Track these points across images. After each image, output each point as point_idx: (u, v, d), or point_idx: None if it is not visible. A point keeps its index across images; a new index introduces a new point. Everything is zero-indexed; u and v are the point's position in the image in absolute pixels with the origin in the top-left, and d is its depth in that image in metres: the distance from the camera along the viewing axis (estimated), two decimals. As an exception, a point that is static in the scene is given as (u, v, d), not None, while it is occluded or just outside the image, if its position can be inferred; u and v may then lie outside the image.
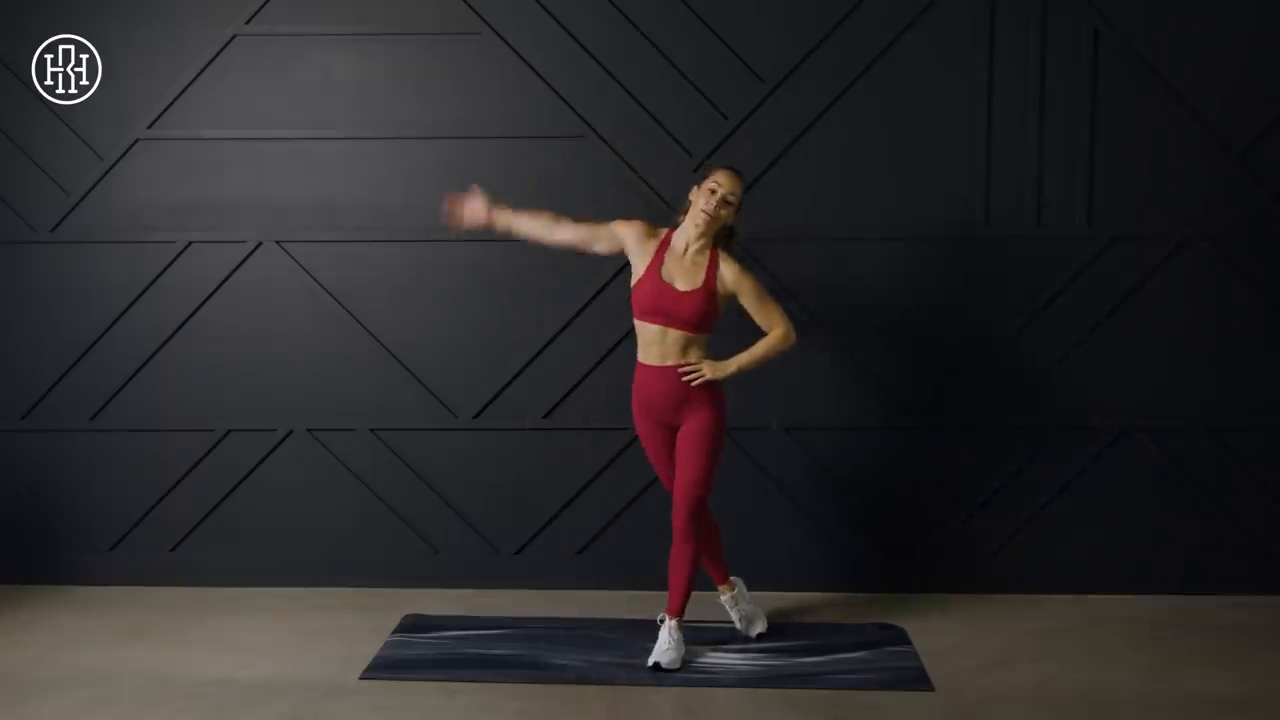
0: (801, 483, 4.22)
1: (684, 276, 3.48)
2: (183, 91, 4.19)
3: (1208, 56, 4.03)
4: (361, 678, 3.49)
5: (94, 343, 4.29)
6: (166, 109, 4.20)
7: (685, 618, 3.61)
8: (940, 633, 3.82)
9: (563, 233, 3.62)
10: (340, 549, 4.32)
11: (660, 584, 4.20)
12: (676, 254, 3.51)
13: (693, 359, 3.51)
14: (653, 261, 3.51)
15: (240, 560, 4.33)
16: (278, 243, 4.23)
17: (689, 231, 3.50)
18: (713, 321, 3.52)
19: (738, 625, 3.76)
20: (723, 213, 3.46)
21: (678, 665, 3.51)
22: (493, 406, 4.26)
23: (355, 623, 3.93)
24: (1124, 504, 4.17)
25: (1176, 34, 4.03)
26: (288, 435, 4.30)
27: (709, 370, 3.48)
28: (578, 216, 3.65)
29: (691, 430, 3.51)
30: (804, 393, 4.19)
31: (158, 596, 4.24)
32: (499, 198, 4.15)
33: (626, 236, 3.57)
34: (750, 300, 3.51)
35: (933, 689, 3.38)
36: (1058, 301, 4.12)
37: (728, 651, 3.67)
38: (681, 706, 3.28)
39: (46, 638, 3.83)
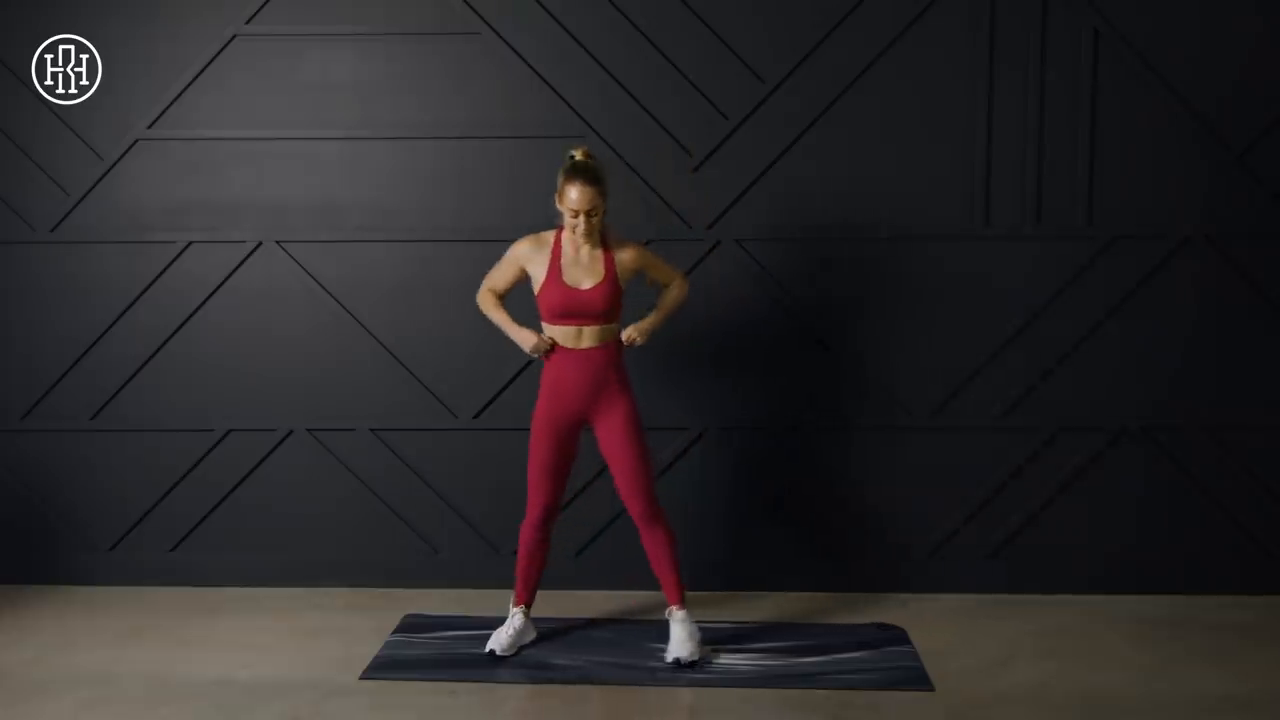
0: (801, 482, 4.22)
1: (586, 275, 3.52)
2: (183, 91, 4.19)
3: (1208, 56, 4.03)
4: (361, 678, 3.49)
5: (94, 343, 4.29)
6: (166, 109, 4.20)
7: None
8: (940, 633, 3.82)
9: (495, 293, 3.65)
10: (340, 549, 4.32)
11: (657, 584, 4.20)
12: (570, 257, 3.53)
13: (609, 340, 3.58)
14: (550, 268, 3.52)
15: (240, 560, 4.33)
16: (278, 243, 4.23)
17: (575, 241, 3.52)
18: (620, 308, 3.59)
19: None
20: (594, 222, 3.46)
21: (698, 656, 3.51)
22: (493, 406, 4.26)
23: (355, 623, 3.93)
24: (1124, 504, 4.17)
25: (1176, 34, 4.03)
26: (288, 435, 4.30)
27: (637, 334, 3.59)
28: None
29: (616, 422, 3.57)
30: (803, 392, 4.19)
31: (158, 596, 4.24)
32: (496, 198, 4.17)
33: (522, 257, 3.57)
34: (652, 267, 3.63)
35: (933, 689, 3.38)
36: (1058, 301, 4.12)
37: (727, 651, 3.66)
38: (681, 706, 3.28)
39: (46, 638, 3.83)
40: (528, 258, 3.57)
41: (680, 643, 3.53)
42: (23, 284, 4.28)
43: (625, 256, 3.56)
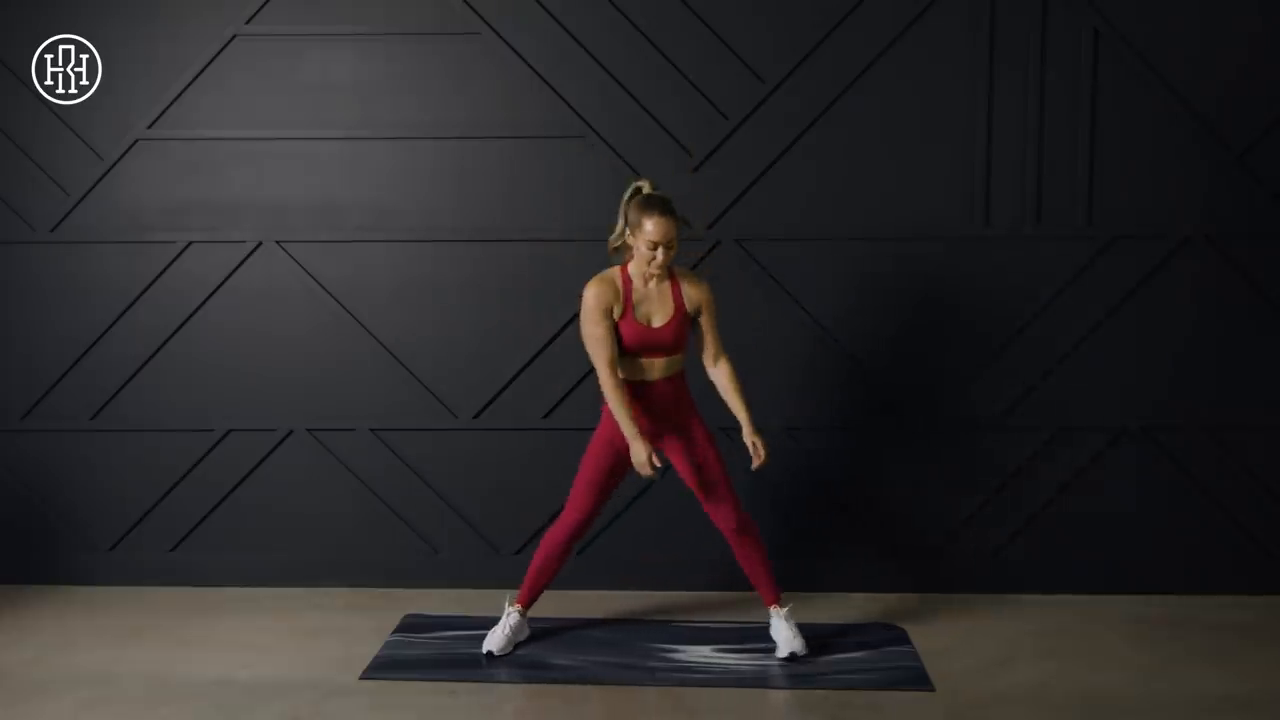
0: (802, 483, 4.22)
1: (657, 311, 3.52)
2: (183, 91, 4.20)
3: (1208, 56, 4.03)
4: (361, 678, 3.49)
5: (94, 343, 4.29)
6: (166, 109, 4.20)
7: (683, 618, 3.61)
8: (940, 633, 3.82)
9: (610, 351, 3.51)
10: (340, 549, 4.32)
11: (657, 584, 4.21)
12: (640, 292, 3.52)
13: (677, 370, 3.60)
14: (625, 308, 3.51)
15: (240, 560, 4.33)
16: (278, 243, 4.23)
17: (645, 275, 3.50)
18: (688, 337, 3.60)
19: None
20: (671, 253, 3.44)
21: (804, 650, 3.55)
22: (493, 406, 4.26)
23: (355, 623, 3.93)
24: (1124, 504, 4.17)
25: (1176, 34, 4.03)
26: (288, 435, 4.30)
27: (760, 442, 3.57)
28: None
29: (695, 442, 3.62)
30: (803, 393, 4.19)
31: (158, 596, 4.24)
32: (496, 198, 4.17)
33: (606, 306, 3.49)
34: (707, 319, 3.58)
35: (933, 689, 3.38)
36: (1058, 301, 4.12)
37: (728, 651, 3.66)
38: (681, 707, 3.28)
39: (46, 638, 3.83)
40: (610, 303, 3.50)
41: (790, 639, 3.57)
42: (23, 284, 4.29)
43: (692, 292, 3.54)
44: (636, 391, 3.56)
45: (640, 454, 3.45)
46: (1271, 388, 4.12)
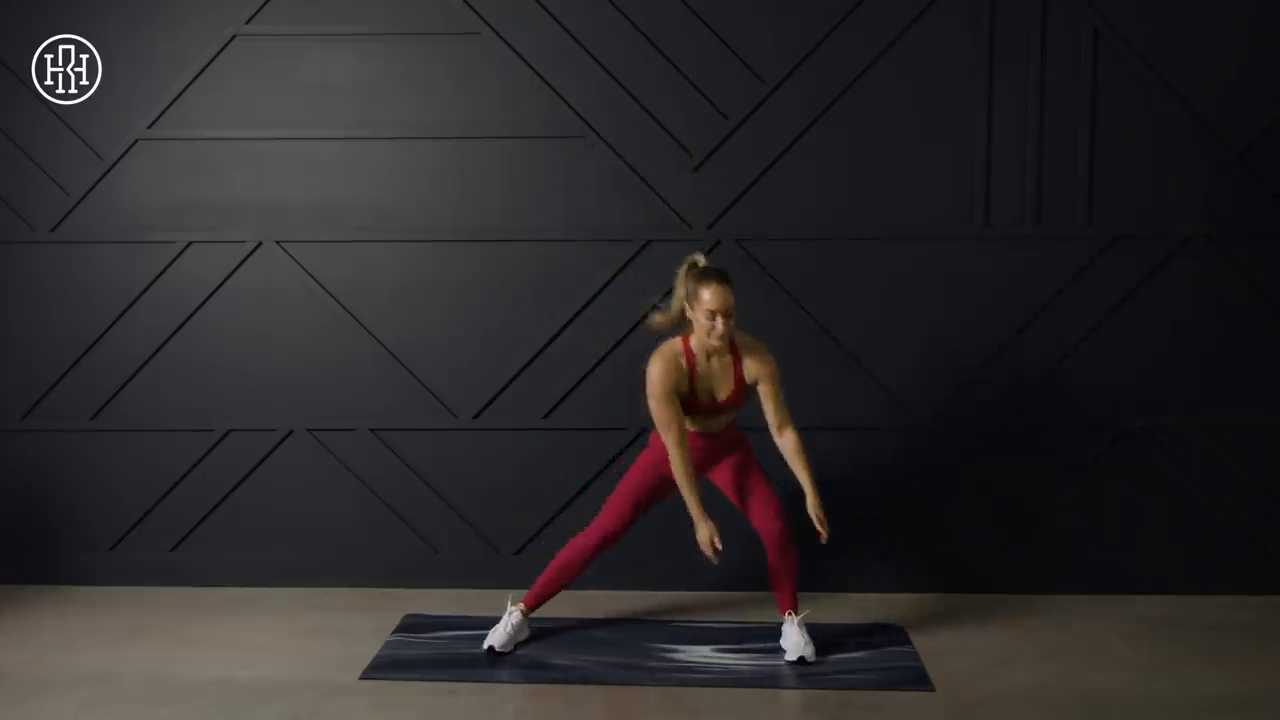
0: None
1: (719, 385, 3.56)
2: (183, 91, 4.20)
3: (1208, 56, 4.03)
4: (361, 678, 3.49)
5: (94, 343, 4.29)
6: (166, 109, 4.20)
7: (683, 618, 3.60)
8: (940, 633, 3.82)
9: (682, 434, 3.53)
10: (340, 549, 4.32)
11: (657, 584, 4.21)
12: (703, 365, 3.54)
13: (731, 420, 3.68)
14: (690, 383, 3.54)
15: (240, 560, 4.33)
16: (278, 243, 4.23)
17: (706, 348, 3.51)
18: (745, 400, 3.65)
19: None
20: (730, 322, 3.45)
21: (814, 656, 3.57)
22: (493, 406, 4.26)
23: (355, 623, 3.93)
24: (1124, 504, 4.17)
25: (1176, 34, 4.03)
26: (288, 435, 4.30)
27: (823, 517, 3.59)
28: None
29: (742, 463, 3.70)
30: (804, 393, 4.18)
31: (158, 596, 4.24)
32: (496, 198, 4.18)
33: (676, 385, 3.51)
34: (769, 389, 3.58)
35: (933, 689, 3.38)
36: (1058, 301, 4.12)
37: (728, 651, 3.66)
38: (681, 707, 3.28)
39: (46, 638, 3.83)
40: (677, 383, 3.51)
41: (801, 644, 3.58)
42: (23, 284, 4.29)
43: (753, 367, 3.54)
44: (693, 437, 3.62)
45: (703, 534, 3.51)
46: (1271, 388, 4.13)
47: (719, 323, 3.42)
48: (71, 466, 4.34)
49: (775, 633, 3.70)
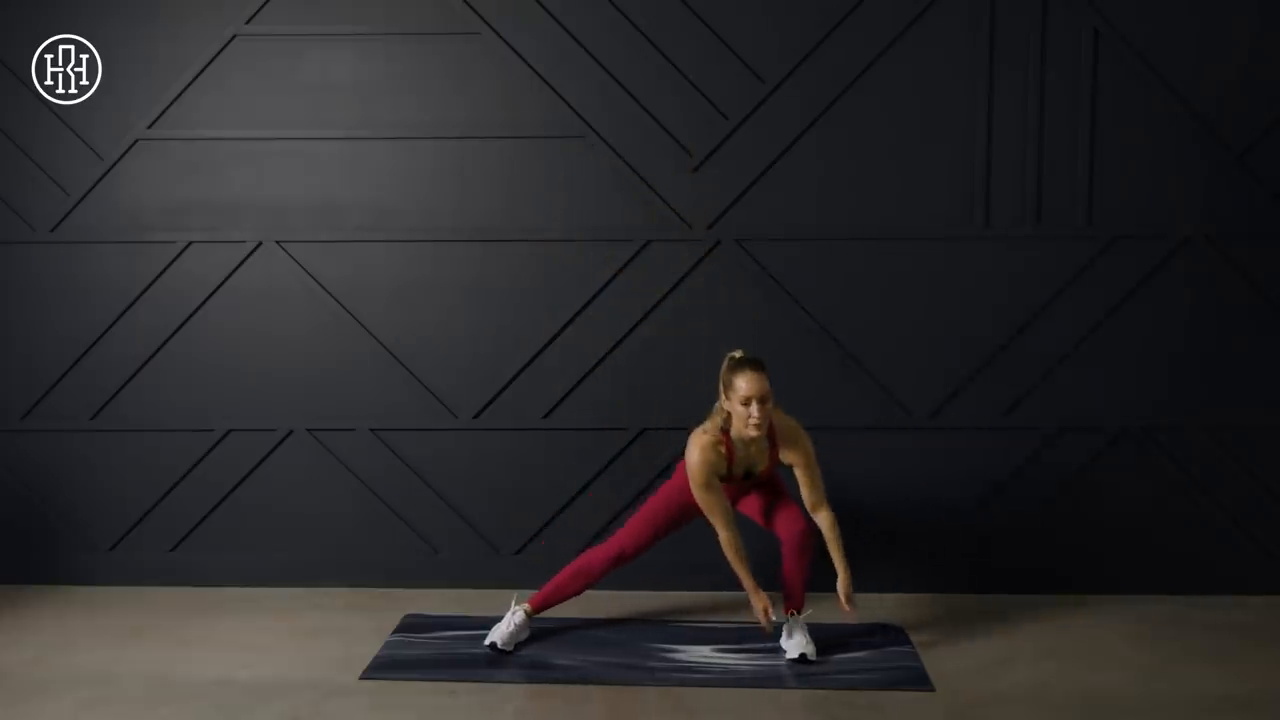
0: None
1: (757, 461, 3.63)
2: (183, 91, 4.20)
3: (1208, 56, 4.03)
4: (361, 678, 3.49)
5: (94, 343, 4.29)
6: (166, 109, 4.20)
7: (683, 618, 3.60)
8: (940, 633, 3.82)
9: (730, 519, 3.60)
10: (340, 549, 4.32)
11: (657, 584, 4.20)
12: (741, 451, 3.59)
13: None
14: (729, 466, 3.59)
15: (240, 560, 4.33)
16: (278, 243, 4.23)
17: (747, 438, 3.54)
18: None
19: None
20: (767, 407, 3.47)
21: (815, 655, 3.59)
22: (493, 406, 4.26)
23: (355, 623, 3.93)
24: (1124, 504, 4.17)
25: (1176, 34, 4.03)
26: (288, 435, 4.30)
27: (850, 593, 3.66)
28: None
29: (773, 484, 3.78)
30: (804, 393, 4.18)
31: (158, 596, 4.24)
32: (496, 198, 4.18)
33: (715, 470, 3.56)
34: (804, 473, 3.64)
35: (933, 689, 3.38)
36: (1058, 301, 4.12)
37: (728, 651, 3.66)
38: (681, 707, 3.28)
39: (46, 638, 3.83)
40: (717, 468, 3.56)
41: (802, 643, 3.59)
42: (23, 284, 4.29)
43: (789, 452, 3.61)
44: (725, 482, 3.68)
45: (758, 606, 3.61)
46: (1271, 388, 4.12)
47: (754, 409, 3.45)
48: (71, 466, 4.34)
49: (776, 633, 3.70)
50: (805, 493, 3.66)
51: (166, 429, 4.31)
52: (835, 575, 4.11)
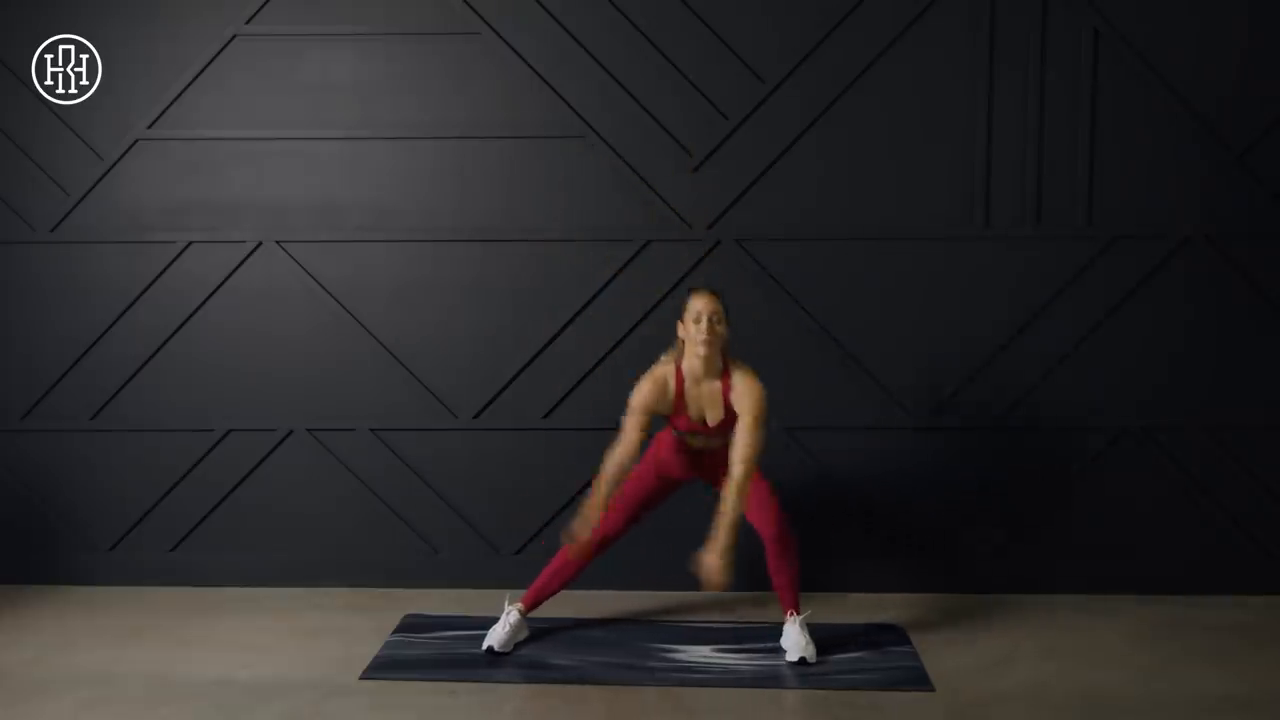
0: (801, 483, 4.22)
1: (709, 409, 3.57)
2: (183, 91, 4.20)
3: (1208, 56, 4.03)
4: (361, 678, 3.49)
5: (94, 343, 4.29)
6: (166, 109, 4.20)
7: (683, 618, 3.60)
8: (940, 633, 3.82)
9: (628, 449, 3.50)
10: (340, 549, 4.32)
11: (657, 584, 4.20)
12: (695, 387, 3.55)
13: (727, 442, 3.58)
14: (677, 403, 3.56)
15: (240, 560, 4.33)
16: (278, 243, 4.23)
17: (696, 363, 3.51)
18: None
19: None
20: (719, 329, 3.47)
21: (815, 658, 3.57)
22: (493, 406, 4.26)
23: (355, 623, 3.93)
24: (1124, 504, 4.17)
25: (1176, 34, 4.03)
26: (288, 435, 4.30)
27: (719, 563, 3.42)
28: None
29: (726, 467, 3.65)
30: (804, 393, 4.19)
31: (158, 596, 4.24)
32: (496, 198, 4.19)
33: (654, 400, 3.54)
34: (742, 423, 3.47)
35: (933, 689, 3.38)
36: (1058, 301, 4.12)
37: (728, 651, 3.66)
38: (681, 707, 3.28)
39: (46, 638, 3.83)
40: (657, 400, 3.54)
41: (803, 645, 3.58)
42: (23, 284, 4.29)
43: (740, 389, 3.50)
44: (684, 447, 3.66)
45: (579, 523, 3.50)
46: (1271, 388, 4.12)
47: (703, 323, 3.44)
48: (71, 466, 4.35)
49: (775, 633, 3.70)
50: (737, 445, 3.45)
51: (166, 429, 4.31)
52: (830, 574, 4.14)
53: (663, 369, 3.57)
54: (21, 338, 4.30)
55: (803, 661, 3.54)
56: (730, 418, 3.55)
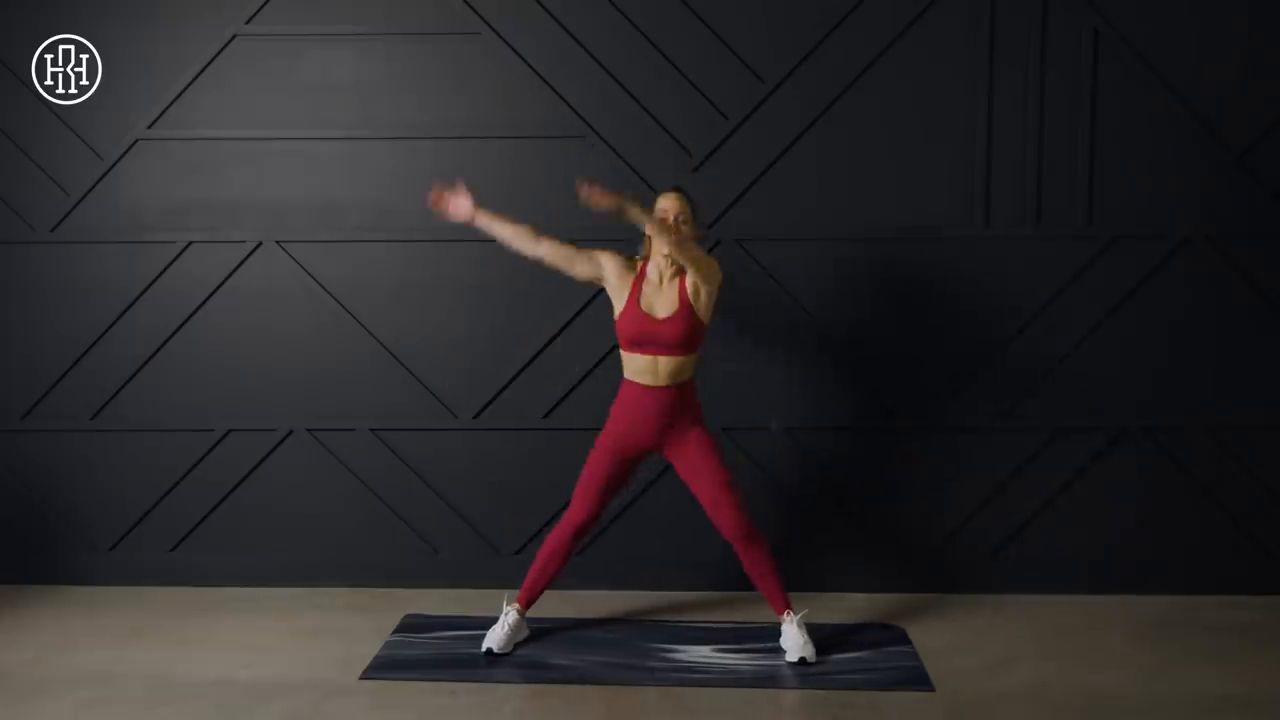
0: (801, 483, 4.22)
1: (662, 303, 3.55)
2: (183, 91, 4.20)
3: (1208, 56, 4.03)
4: (361, 678, 3.49)
5: (94, 343, 4.29)
6: (166, 109, 4.20)
7: (683, 618, 3.60)
8: (940, 633, 3.82)
9: (543, 248, 3.62)
10: (340, 549, 4.32)
11: (657, 584, 4.20)
12: (653, 284, 3.57)
13: (685, 378, 3.60)
14: (631, 294, 3.56)
15: (240, 560, 4.33)
16: (278, 243, 4.23)
17: (662, 262, 3.54)
18: (699, 340, 3.59)
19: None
20: (685, 229, 3.48)
21: (815, 657, 3.55)
22: (493, 406, 4.26)
23: (355, 623, 3.93)
24: (1124, 504, 4.17)
25: (1176, 34, 4.03)
26: (288, 435, 4.30)
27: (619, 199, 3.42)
28: (560, 236, 3.67)
29: (691, 451, 3.62)
30: (804, 393, 4.19)
31: (158, 596, 4.24)
32: (496, 198, 4.17)
33: (608, 267, 3.59)
34: (695, 282, 3.53)
35: (933, 689, 3.38)
36: (1058, 301, 4.12)
37: (728, 651, 3.66)
38: (681, 707, 3.28)
39: (46, 638, 3.83)
40: (615, 272, 3.58)
41: (801, 645, 3.57)
42: (23, 284, 4.29)
43: (692, 277, 3.51)
44: (641, 395, 3.58)
45: (458, 205, 3.61)
46: (1271, 388, 4.12)
47: (671, 220, 3.48)
48: (71, 466, 4.34)
49: (775, 633, 3.70)
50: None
51: (166, 429, 4.31)
52: (830, 574, 4.13)
53: (634, 258, 3.61)
54: (21, 338, 4.30)
55: (803, 661, 3.54)
56: (684, 309, 3.52)
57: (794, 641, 3.59)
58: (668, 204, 3.55)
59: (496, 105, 4.16)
